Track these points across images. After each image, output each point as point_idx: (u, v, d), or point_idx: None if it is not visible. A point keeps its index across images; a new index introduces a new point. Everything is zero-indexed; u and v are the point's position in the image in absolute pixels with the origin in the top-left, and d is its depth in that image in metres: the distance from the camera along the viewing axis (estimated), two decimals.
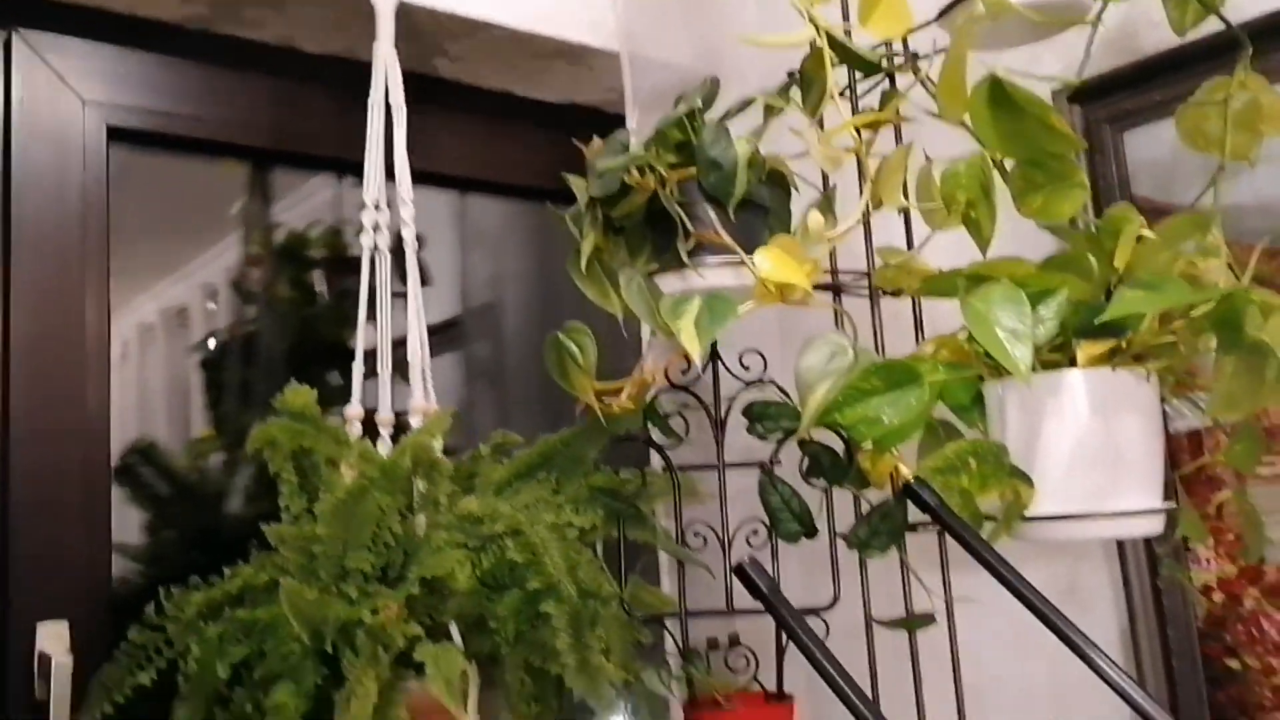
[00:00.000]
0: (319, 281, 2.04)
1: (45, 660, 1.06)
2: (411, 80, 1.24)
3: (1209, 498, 1.12)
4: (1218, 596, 1.14)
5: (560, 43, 1.45)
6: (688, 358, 0.86)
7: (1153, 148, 1.20)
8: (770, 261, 0.87)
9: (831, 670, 0.67)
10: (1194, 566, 1.16)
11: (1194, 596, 1.10)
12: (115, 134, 1.22)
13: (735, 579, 0.72)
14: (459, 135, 1.51)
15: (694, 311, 0.87)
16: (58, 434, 1.14)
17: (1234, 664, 1.12)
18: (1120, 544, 1.22)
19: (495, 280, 2.04)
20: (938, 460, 0.82)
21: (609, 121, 1.59)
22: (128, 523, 1.40)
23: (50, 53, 1.17)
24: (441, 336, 2.01)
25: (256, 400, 1.86)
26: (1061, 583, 1.29)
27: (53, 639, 1.07)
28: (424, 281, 1.29)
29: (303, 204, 1.92)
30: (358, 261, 2.06)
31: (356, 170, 1.62)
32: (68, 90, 1.18)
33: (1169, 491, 0.94)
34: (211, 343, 1.90)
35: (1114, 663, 0.74)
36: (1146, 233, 0.85)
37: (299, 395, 1.05)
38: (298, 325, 1.97)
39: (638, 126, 1.56)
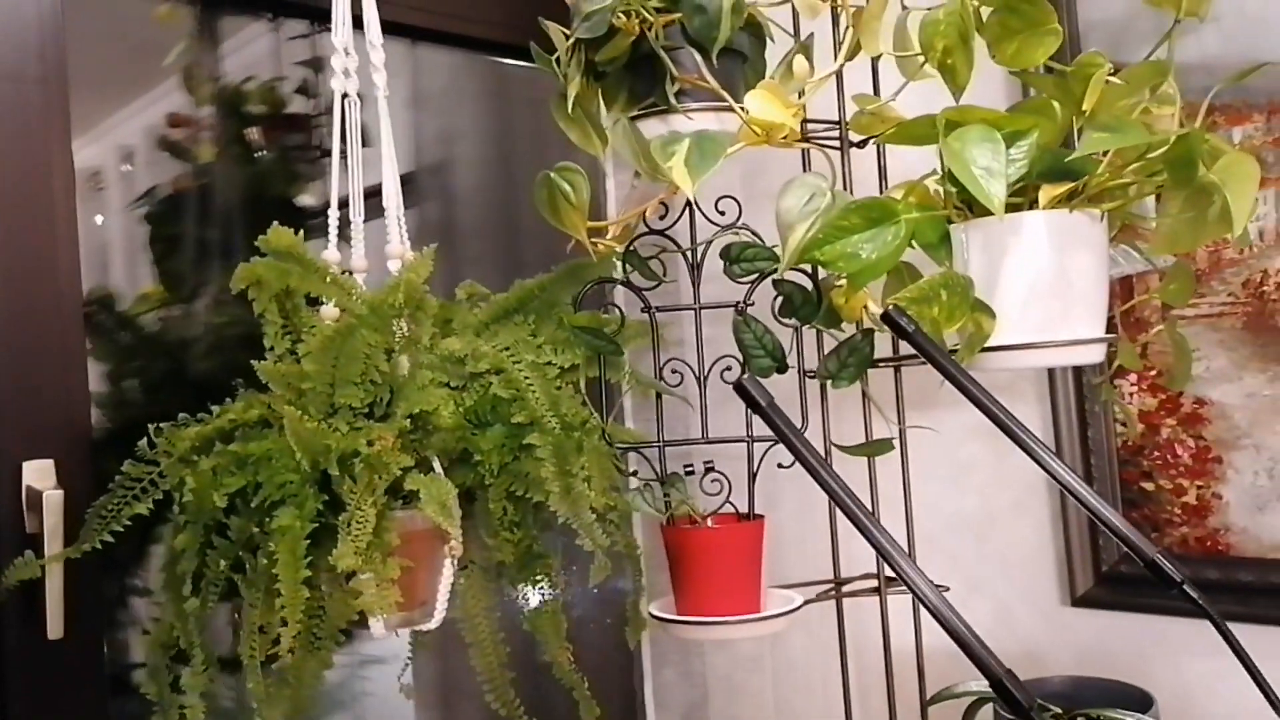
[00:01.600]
0: (256, 136, 1.99)
1: (35, 494, 1.06)
2: None
3: (1137, 338, 1.21)
4: (1138, 427, 1.23)
5: None
6: (665, 201, 0.89)
7: (1105, 7, 1.25)
8: (759, 103, 0.90)
9: (823, 473, 0.73)
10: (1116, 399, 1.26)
11: (1129, 414, 1.20)
12: None
13: (737, 402, 0.76)
14: None
15: (684, 151, 0.90)
16: (29, 280, 1.13)
17: (1149, 486, 1.23)
18: (1051, 384, 1.31)
19: (446, 138, 2.01)
20: (914, 291, 0.87)
21: None
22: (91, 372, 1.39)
23: None
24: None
25: (205, 255, 1.83)
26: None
27: (40, 475, 1.08)
28: (365, 143, 1.28)
29: (233, 56, 1.86)
30: (296, 118, 2.00)
31: (304, 14, 1.57)
32: None
33: (1110, 327, 1.02)
34: (154, 197, 1.86)
35: (1074, 473, 0.82)
36: (1112, 79, 0.90)
37: (283, 235, 1.04)
38: (239, 181, 1.93)
39: None
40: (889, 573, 1.10)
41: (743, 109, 0.92)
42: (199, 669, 1.00)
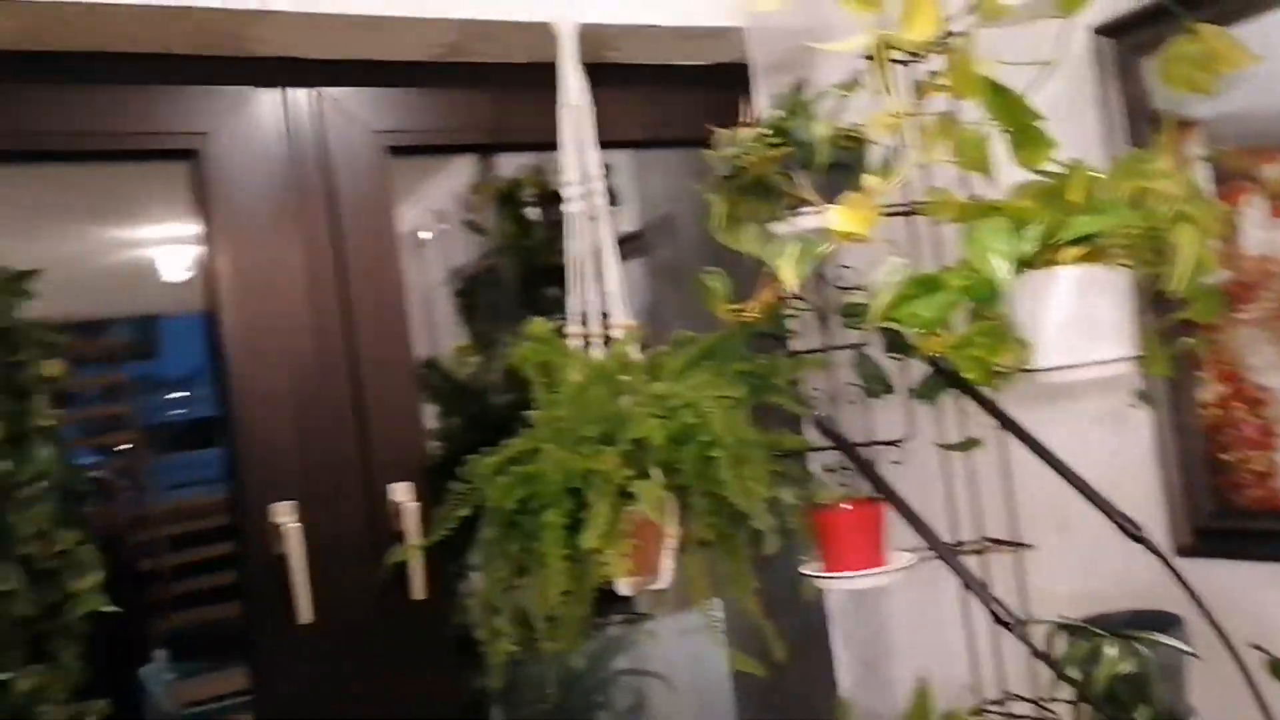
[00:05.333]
0: (533, 214, 2.50)
1: (397, 506, 1.57)
2: (588, 69, 1.60)
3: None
4: (1216, 410, 1.45)
5: (700, 28, 1.80)
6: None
7: None
8: (839, 216, 1.23)
9: (873, 471, 1.06)
10: (1199, 389, 1.47)
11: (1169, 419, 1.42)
12: (393, 150, 1.67)
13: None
14: (628, 107, 1.89)
15: (790, 253, 1.25)
16: (385, 356, 1.64)
17: (1227, 457, 1.44)
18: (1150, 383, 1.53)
19: (671, 196, 2.41)
20: (953, 340, 1.18)
21: (745, 73, 1.92)
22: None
23: (345, 101, 1.63)
24: (629, 245, 2.43)
25: (500, 316, 2.36)
26: (1107, 409, 1.61)
27: (402, 493, 1.59)
28: (613, 202, 1.68)
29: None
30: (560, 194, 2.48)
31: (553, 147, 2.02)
32: (361, 126, 1.64)
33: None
34: (461, 273, 2.41)
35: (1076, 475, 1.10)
36: (1098, 174, 1.16)
37: (539, 326, 1.48)
38: (521, 255, 2.44)
39: (762, 81, 1.89)
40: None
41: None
42: (506, 619, 1.46)
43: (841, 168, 1.35)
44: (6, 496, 1.08)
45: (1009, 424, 1.11)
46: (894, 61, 1.36)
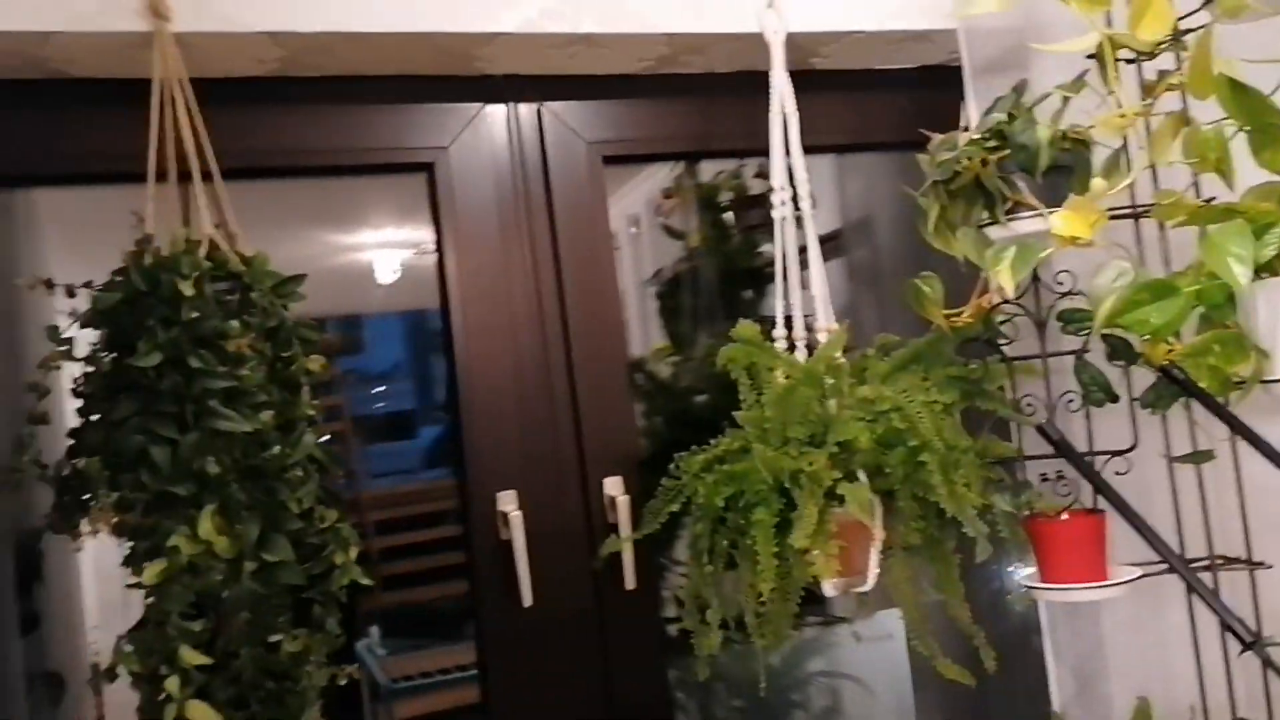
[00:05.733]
0: (730, 219, 2.53)
1: (610, 499, 1.64)
2: (793, 76, 1.62)
3: None
4: None
5: (908, 31, 1.79)
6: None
7: None
8: (1062, 220, 1.21)
9: (1098, 479, 1.04)
10: None
11: None
12: (606, 160, 1.74)
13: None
14: (832, 112, 1.89)
15: (1009, 257, 1.23)
16: (599, 355, 1.70)
17: None
18: None
19: (870, 198, 2.39)
20: (1188, 348, 1.13)
21: (952, 75, 1.89)
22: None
23: (564, 114, 1.71)
24: (826, 248, 2.42)
25: (698, 319, 2.40)
26: None
27: (614, 486, 1.65)
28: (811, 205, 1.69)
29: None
30: (757, 197, 2.51)
31: (756, 153, 2.04)
32: (578, 138, 1.71)
33: None
34: (660, 277, 2.46)
35: None
36: None
37: (748, 329, 1.51)
38: (718, 258, 2.48)
39: (973, 83, 1.85)
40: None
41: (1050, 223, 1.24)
42: (716, 612, 1.50)
43: (1060, 170, 1.32)
44: (279, 478, 1.20)
45: (1248, 436, 1.06)
46: (1121, 60, 1.32)
